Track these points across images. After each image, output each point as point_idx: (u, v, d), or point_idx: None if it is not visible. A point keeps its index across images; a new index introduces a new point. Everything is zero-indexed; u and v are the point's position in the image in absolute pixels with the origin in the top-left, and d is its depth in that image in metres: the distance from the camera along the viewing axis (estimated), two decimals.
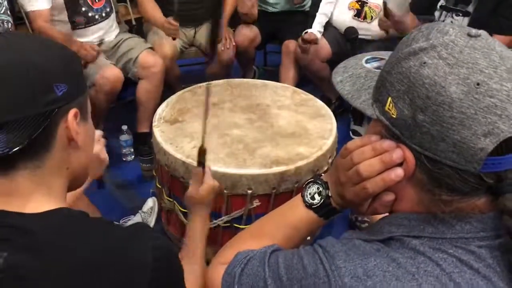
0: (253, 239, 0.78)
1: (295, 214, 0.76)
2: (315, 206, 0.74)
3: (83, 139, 0.73)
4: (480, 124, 0.53)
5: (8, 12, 2.09)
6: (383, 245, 0.62)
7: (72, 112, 0.69)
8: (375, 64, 0.71)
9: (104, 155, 1.19)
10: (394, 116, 0.59)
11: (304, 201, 0.75)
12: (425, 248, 0.59)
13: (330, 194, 0.72)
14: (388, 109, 0.60)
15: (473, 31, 0.57)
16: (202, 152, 1.14)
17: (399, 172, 0.60)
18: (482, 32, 0.57)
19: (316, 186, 0.74)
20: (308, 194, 0.75)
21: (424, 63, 0.56)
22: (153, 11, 2.52)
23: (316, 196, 0.74)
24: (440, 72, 0.55)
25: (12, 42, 0.68)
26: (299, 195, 0.77)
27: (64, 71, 0.69)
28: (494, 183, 0.57)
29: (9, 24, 2.05)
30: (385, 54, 0.73)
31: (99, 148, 1.16)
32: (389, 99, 0.60)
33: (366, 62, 0.72)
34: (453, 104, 0.53)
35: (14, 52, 0.66)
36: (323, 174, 0.76)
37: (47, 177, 0.68)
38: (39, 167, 0.67)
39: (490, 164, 0.55)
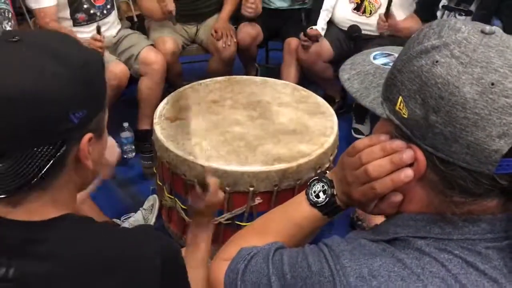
0: (257, 236, 0.77)
1: (299, 211, 0.75)
2: (320, 204, 0.73)
3: (94, 158, 0.67)
4: (494, 125, 0.51)
5: (7, 1, 2.02)
6: (389, 245, 0.61)
7: (86, 137, 0.63)
8: (384, 60, 0.69)
9: (114, 160, 1.19)
10: (405, 116, 0.57)
11: (309, 199, 0.74)
12: (431, 248, 0.58)
13: (335, 193, 0.71)
14: (399, 108, 0.58)
15: (487, 28, 0.55)
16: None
17: (409, 173, 0.59)
18: (496, 28, 0.55)
19: (321, 184, 0.73)
20: (312, 192, 0.74)
21: (436, 61, 0.54)
22: (149, 4, 2.46)
23: (321, 194, 0.73)
24: (453, 71, 0.53)
25: (26, 58, 0.57)
26: (303, 192, 0.76)
27: (84, 96, 0.61)
28: (508, 185, 0.55)
29: (10, 14, 1.99)
30: (392, 49, 0.71)
31: (113, 157, 1.16)
32: (400, 98, 0.58)
33: (374, 58, 0.70)
34: (467, 104, 0.52)
35: (27, 72, 0.56)
36: (328, 172, 0.75)
37: (54, 191, 0.65)
38: (46, 187, 0.63)
39: (505, 165, 0.53)
